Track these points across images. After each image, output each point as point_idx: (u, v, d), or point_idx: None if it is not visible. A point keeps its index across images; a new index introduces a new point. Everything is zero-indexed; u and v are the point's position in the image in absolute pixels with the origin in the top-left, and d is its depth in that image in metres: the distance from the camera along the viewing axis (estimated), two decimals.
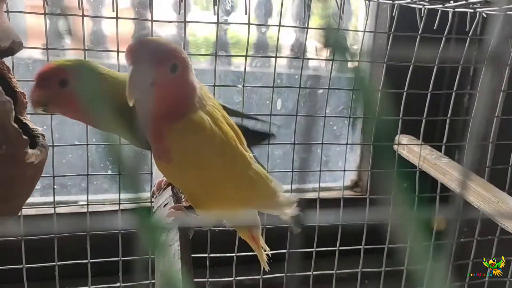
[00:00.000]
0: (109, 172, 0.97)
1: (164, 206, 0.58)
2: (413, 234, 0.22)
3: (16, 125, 0.44)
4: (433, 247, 0.81)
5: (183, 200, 0.63)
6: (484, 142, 0.87)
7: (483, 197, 0.70)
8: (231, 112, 0.61)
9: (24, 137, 0.45)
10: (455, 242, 0.91)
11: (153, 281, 0.71)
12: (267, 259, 0.66)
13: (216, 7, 0.69)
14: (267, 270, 0.67)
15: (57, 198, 0.80)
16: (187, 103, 0.52)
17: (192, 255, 0.76)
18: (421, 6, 0.72)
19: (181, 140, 0.51)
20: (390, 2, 0.72)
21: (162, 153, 0.52)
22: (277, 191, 0.58)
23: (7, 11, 0.63)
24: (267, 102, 1.00)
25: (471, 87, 0.93)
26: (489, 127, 0.88)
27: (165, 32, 0.95)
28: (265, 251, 0.65)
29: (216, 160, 0.54)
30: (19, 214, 0.74)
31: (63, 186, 0.98)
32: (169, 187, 0.65)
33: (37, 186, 0.95)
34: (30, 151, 0.47)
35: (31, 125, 0.57)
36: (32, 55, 0.91)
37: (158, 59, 0.48)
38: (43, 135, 0.56)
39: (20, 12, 0.65)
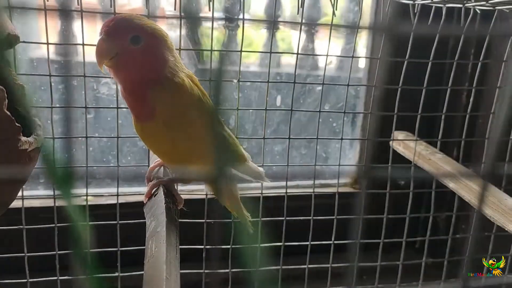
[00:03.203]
0: (111, 165, 0.99)
1: (154, 196, 0.60)
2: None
3: (8, 113, 0.46)
4: None
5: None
6: (480, 138, 0.87)
7: (474, 191, 0.70)
8: None
9: (17, 124, 0.47)
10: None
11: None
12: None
13: (211, 3, 0.71)
14: (252, 231, 0.71)
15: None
16: (156, 72, 0.56)
17: (188, 246, 0.78)
18: (411, 2, 0.73)
19: (164, 98, 0.56)
20: None
21: (145, 113, 0.57)
22: (247, 157, 0.65)
23: (9, 7, 0.66)
24: (267, 98, 1.02)
25: (469, 84, 0.93)
26: (486, 123, 0.88)
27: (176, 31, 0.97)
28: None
29: (196, 113, 0.59)
30: (21, 206, 0.77)
31: None
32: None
33: (41, 180, 0.98)
34: (23, 138, 0.49)
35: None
36: (43, 55, 0.93)
37: (118, 31, 0.54)
38: (40, 125, 0.58)
39: (22, 8, 0.67)
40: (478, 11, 0.77)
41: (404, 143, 0.87)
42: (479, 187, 0.59)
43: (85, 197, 0.81)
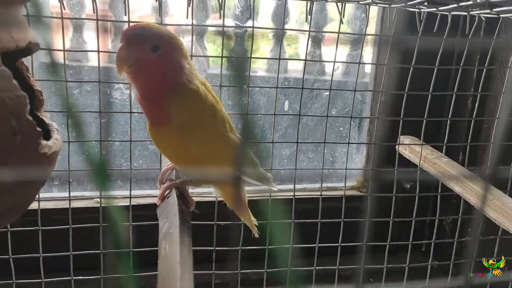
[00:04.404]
0: (123, 168, 1.01)
1: (167, 198, 0.62)
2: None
3: (30, 118, 0.48)
4: None
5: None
6: (485, 143, 0.88)
7: (478, 194, 0.72)
8: None
9: (38, 129, 0.49)
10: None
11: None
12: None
13: (221, 11, 0.73)
14: (257, 236, 0.73)
15: (74, 194, 0.84)
16: (174, 79, 0.58)
17: (199, 248, 0.80)
18: (417, 10, 0.75)
19: (179, 103, 0.58)
20: (388, 5, 0.75)
21: (161, 118, 0.59)
22: (256, 162, 0.66)
23: (27, 15, 0.68)
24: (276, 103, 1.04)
25: (475, 89, 0.95)
26: (490, 128, 0.89)
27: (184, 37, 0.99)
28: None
29: (209, 120, 0.61)
30: (37, 207, 0.79)
31: (79, 182, 1.03)
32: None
33: (55, 182, 1.01)
34: (43, 142, 0.51)
35: (47, 121, 0.62)
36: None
37: (140, 39, 0.56)
38: (57, 129, 0.61)
39: (39, 16, 0.69)
40: (483, 19, 0.78)
41: (410, 148, 0.89)
42: (482, 189, 0.61)
43: (98, 199, 0.84)
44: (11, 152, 0.48)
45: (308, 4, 0.76)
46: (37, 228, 0.78)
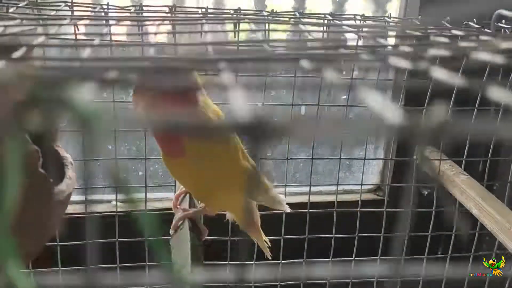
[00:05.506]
0: (140, 174, 1.03)
1: (180, 229, 0.63)
2: None
3: (43, 171, 0.49)
4: None
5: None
6: (506, 158, 0.86)
7: (497, 221, 0.71)
8: None
9: (51, 180, 0.50)
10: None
11: None
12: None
13: (236, 34, 0.72)
14: (270, 257, 0.74)
15: (93, 198, 0.86)
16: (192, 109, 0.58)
17: (213, 262, 0.81)
18: None
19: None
20: None
21: (175, 150, 0.59)
22: (269, 186, 0.68)
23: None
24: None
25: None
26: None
27: None
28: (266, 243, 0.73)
29: (223, 150, 0.62)
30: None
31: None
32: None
33: (76, 186, 1.02)
34: (56, 189, 0.52)
35: (62, 153, 0.62)
36: None
37: None
38: (71, 163, 0.61)
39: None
40: None
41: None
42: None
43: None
44: (24, 205, 0.49)
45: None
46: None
